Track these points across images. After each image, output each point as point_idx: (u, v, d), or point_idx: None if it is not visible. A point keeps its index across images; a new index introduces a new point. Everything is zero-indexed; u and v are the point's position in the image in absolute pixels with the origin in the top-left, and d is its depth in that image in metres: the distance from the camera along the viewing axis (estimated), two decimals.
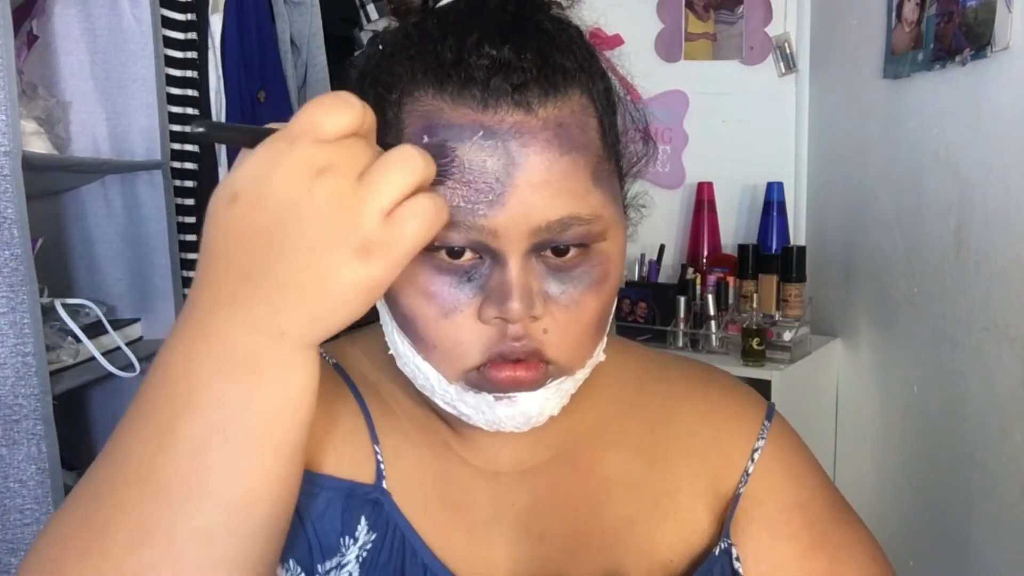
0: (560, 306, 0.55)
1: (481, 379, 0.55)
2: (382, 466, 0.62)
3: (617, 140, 0.60)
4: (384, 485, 0.62)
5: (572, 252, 0.55)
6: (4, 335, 1.12)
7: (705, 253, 2.10)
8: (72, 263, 1.54)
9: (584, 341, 0.57)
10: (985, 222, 1.33)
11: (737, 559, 0.65)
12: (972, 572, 1.39)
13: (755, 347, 1.73)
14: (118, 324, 1.47)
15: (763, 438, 0.68)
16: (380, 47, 0.59)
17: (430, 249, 0.53)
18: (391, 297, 0.57)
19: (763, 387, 1.72)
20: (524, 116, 0.53)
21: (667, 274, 2.12)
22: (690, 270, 2.00)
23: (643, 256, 2.10)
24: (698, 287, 1.93)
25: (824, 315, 1.95)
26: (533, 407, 0.56)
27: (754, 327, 1.74)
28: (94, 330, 1.37)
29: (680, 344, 1.91)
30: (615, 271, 0.58)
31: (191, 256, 1.60)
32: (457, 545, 0.62)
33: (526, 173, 0.52)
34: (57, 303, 1.32)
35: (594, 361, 0.60)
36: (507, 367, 0.54)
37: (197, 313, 0.43)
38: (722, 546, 0.65)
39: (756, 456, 0.68)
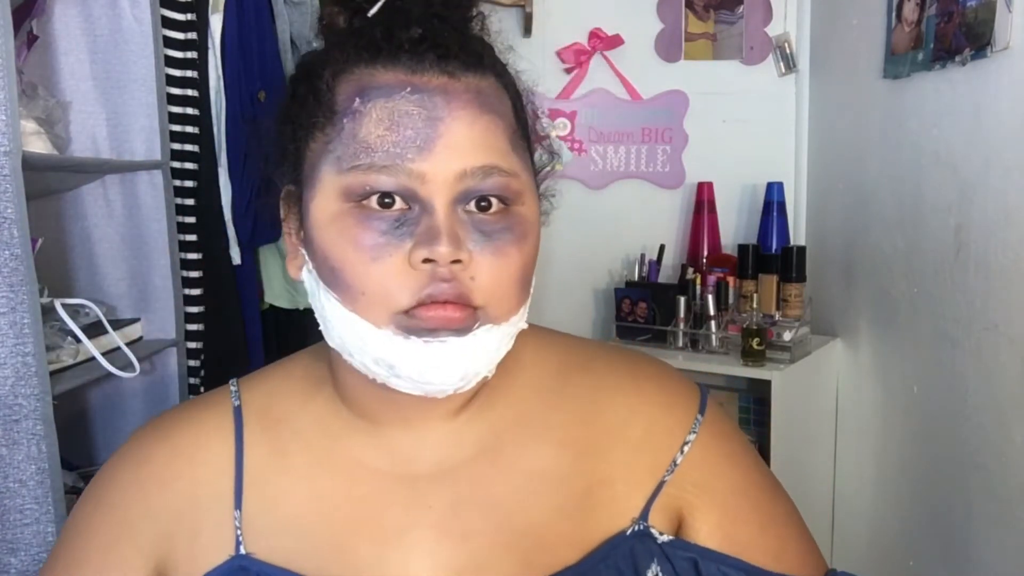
0: (485, 255, 0.58)
1: (411, 321, 0.57)
2: (239, 531, 0.65)
3: (527, 127, 0.65)
4: (242, 550, 0.65)
5: (494, 208, 0.59)
6: (4, 335, 1.12)
7: (705, 253, 2.10)
8: (72, 263, 1.54)
9: (509, 293, 0.60)
10: (985, 222, 1.33)
11: (662, 533, 0.67)
12: (972, 572, 1.39)
13: (755, 347, 1.73)
14: (118, 324, 1.47)
15: (695, 432, 0.70)
16: (314, 47, 0.65)
17: (361, 199, 0.58)
18: (319, 255, 0.60)
19: (763, 387, 1.72)
20: (448, 80, 0.59)
21: (667, 274, 2.12)
22: (690, 270, 2.00)
23: (643, 256, 2.10)
24: (698, 287, 1.93)
25: (824, 315, 1.95)
26: (463, 354, 0.58)
27: (754, 327, 1.74)
28: (94, 330, 1.37)
29: (680, 344, 1.91)
30: (532, 235, 0.62)
31: (191, 256, 1.60)
32: (365, 561, 0.64)
33: (450, 124, 0.58)
34: (57, 303, 1.32)
35: (520, 321, 0.63)
36: (437, 306, 0.57)
37: None
38: (637, 528, 0.67)
39: (686, 449, 0.69)
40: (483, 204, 0.59)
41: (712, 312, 1.89)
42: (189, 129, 1.59)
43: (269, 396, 0.70)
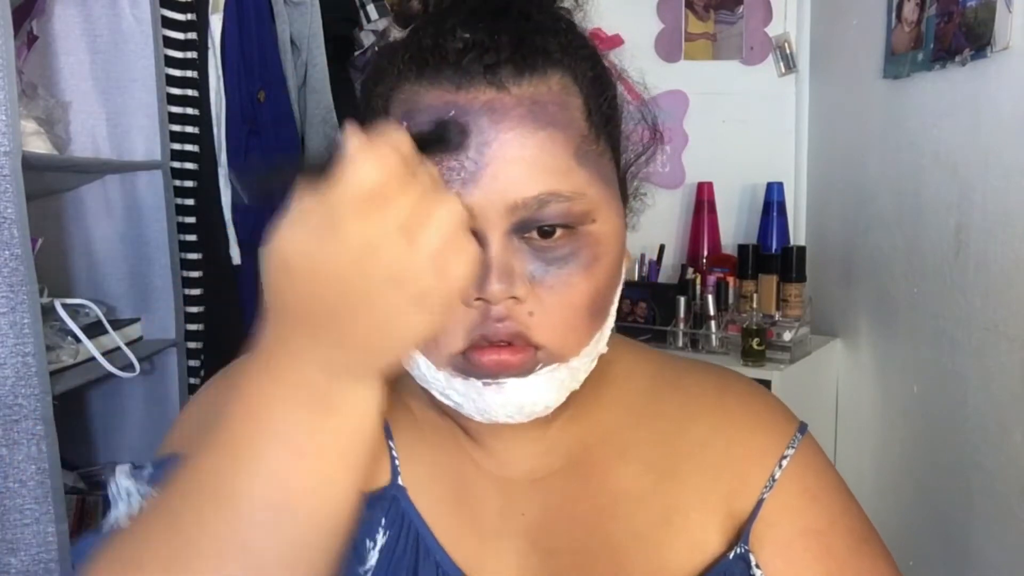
0: (546, 288, 0.53)
1: (467, 364, 0.54)
2: (397, 462, 0.62)
3: (609, 124, 0.59)
4: (400, 481, 0.61)
5: (558, 233, 0.54)
6: (4, 335, 1.12)
7: (705, 253, 2.10)
8: (72, 263, 1.54)
9: (576, 325, 0.55)
10: (985, 222, 1.33)
11: (757, 566, 0.62)
12: (972, 572, 1.39)
13: (755, 347, 1.73)
14: (118, 324, 1.47)
15: (793, 447, 0.65)
16: (378, 50, 0.59)
17: None
18: None
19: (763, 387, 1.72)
20: (496, 94, 0.53)
21: (667, 274, 2.12)
22: (690, 270, 2.00)
23: (643, 256, 2.10)
24: (698, 287, 1.93)
25: (824, 315, 1.95)
26: (524, 395, 0.55)
27: (754, 327, 1.74)
28: (94, 330, 1.37)
29: (680, 344, 1.91)
30: (609, 255, 0.56)
31: (191, 256, 1.60)
32: (469, 548, 0.61)
33: (498, 149, 0.52)
34: (57, 303, 1.32)
35: (593, 351, 0.58)
36: (492, 351, 0.53)
37: (273, 358, 0.46)
38: (737, 551, 0.62)
39: (784, 463, 0.64)
40: (546, 230, 0.53)
41: (712, 312, 1.89)
42: (189, 129, 1.59)
43: None
